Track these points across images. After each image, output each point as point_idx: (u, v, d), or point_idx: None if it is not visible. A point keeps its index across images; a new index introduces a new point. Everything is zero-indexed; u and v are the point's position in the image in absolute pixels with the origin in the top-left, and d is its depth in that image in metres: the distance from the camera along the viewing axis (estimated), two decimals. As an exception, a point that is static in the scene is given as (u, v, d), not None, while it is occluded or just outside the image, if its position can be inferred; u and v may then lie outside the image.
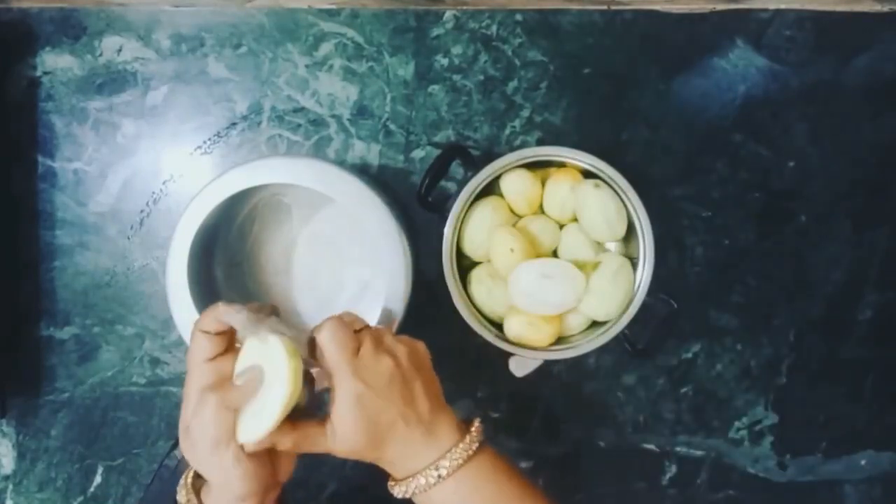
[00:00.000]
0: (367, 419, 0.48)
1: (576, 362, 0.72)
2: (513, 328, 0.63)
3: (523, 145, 0.70)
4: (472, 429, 0.51)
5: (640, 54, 0.70)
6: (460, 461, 0.49)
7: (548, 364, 0.71)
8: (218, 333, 0.48)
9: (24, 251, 0.71)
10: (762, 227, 0.71)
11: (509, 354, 0.64)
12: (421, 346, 0.53)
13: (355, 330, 0.51)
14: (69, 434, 0.72)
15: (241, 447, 0.47)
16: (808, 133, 0.71)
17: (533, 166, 0.65)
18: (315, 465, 0.72)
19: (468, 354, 0.71)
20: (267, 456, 0.49)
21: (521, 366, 0.68)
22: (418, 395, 0.50)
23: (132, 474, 0.72)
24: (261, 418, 0.46)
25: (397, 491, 0.50)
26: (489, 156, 0.67)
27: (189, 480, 0.51)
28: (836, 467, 0.73)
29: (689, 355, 0.72)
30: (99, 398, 0.72)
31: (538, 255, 0.66)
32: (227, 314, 0.47)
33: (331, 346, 0.49)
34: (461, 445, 0.49)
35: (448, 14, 0.70)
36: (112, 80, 0.71)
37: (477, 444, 0.50)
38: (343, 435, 0.48)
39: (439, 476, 0.49)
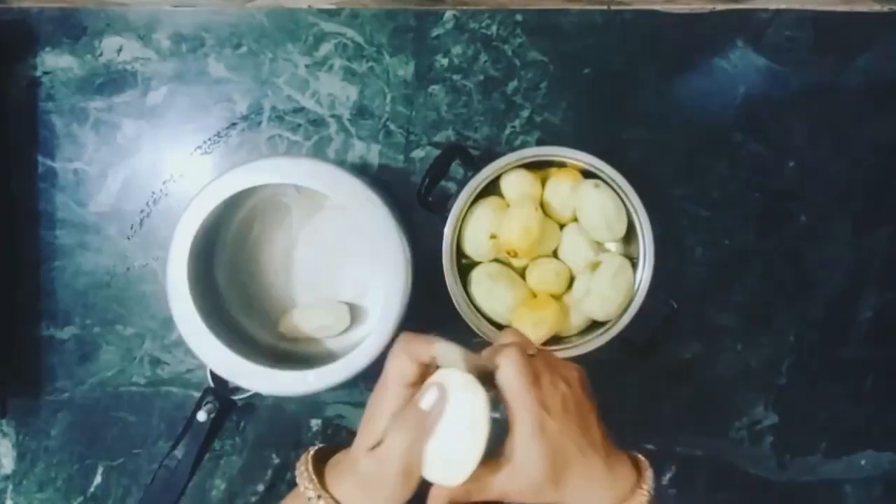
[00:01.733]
0: (550, 450, 0.44)
1: (576, 362, 0.71)
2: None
3: (523, 145, 0.70)
4: (646, 474, 0.48)
5: (640, 54, 0.70)
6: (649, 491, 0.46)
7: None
8: (422, 363, 0.46)
9: (24, 251, 0.71)
10: (762, 227, 0.71)
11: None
12: (583, 370, 0.50)
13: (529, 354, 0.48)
14: (69, 434, 0.72)
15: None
16: (808, 133, 0.71)
17: (533, 166, 0.65)
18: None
19: (468, 354, 0.71)
20: None
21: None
22: (592, 423, 0.47)
23: (132, 474, 0.72)
24: (451, 468, 0.44)
25: None
26: (489, 156, 0.67)
27: (310, 466, 0.48)
28: (836, 467, 0.73)
29: (689, 355, 0.72)
30: (99, 398, 0.72)
31: (535, 255, 0.66)
32: (443, 349, 0.45)
33: (516, 379, 0.45)
34: (643, 489, 0.46)
35: (448, 14, 0.70)
36: (112, 80, 0.71)
37: (652, 488, 0.47)
38: (525, 469, 0.44)
39: None
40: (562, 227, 0.67)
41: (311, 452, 0.50)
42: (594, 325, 0.66)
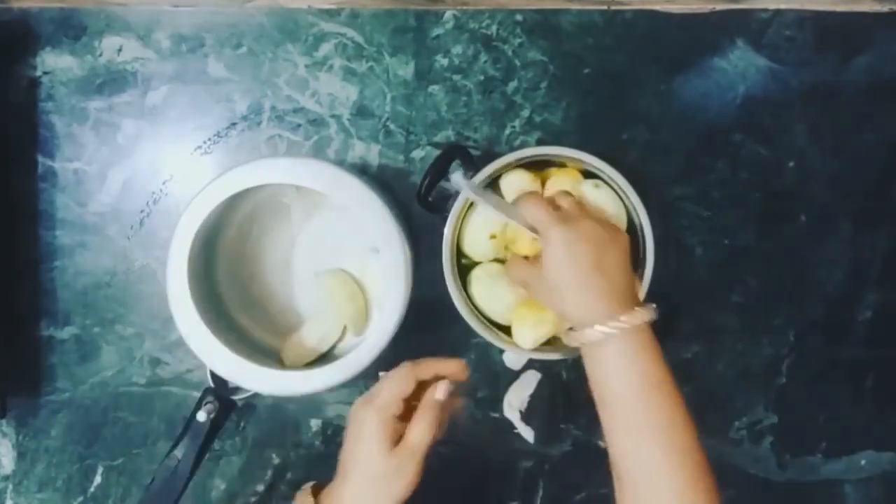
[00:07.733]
0: (572, 258, 0.54)
1: (576, 362, 0.72)
2: (523, 335, 0.63)
3: (523, 145, 0.70)
4: (648, 305, 0.54)
5: (640, 54, 0.70)
6: (635, 323, 0.52)
7: (548, 364, 0.71)
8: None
9: (24, 251, 0.71)
10: (762, 227, 0.71)
11: (509, 354, 0.65)
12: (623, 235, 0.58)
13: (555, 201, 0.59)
14: (69, 434, 0.72)
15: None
16: (808, 133, 0.71)
17: (533, 166, 0.65)
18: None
19: (468, 354, 0.71)
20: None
21: (515, 359, 0.68)
22: (609, 255, 0.55)
23: (132, 474, 0.72)
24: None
25: (571, 338, 0.55)
26: (489, 156, 0.67)
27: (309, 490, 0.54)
28: (836, 467, 0.73)
29: (689, 355, 0.72)
30: (99, 398, 0.72)
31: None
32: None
33: (532, 208, 0.57)
34: (637, 310, 0.53)
35: (448, 14, 0.70)
36: (112, 80, 0.71)
37: (649, 318, 0.53)
38: (554, 269, 0.55)
39: (611, 331, 0.52)
40: (562, 227, 0.67)
41: (310, 486, 0.55)
42: (594, 325, 0.66)
